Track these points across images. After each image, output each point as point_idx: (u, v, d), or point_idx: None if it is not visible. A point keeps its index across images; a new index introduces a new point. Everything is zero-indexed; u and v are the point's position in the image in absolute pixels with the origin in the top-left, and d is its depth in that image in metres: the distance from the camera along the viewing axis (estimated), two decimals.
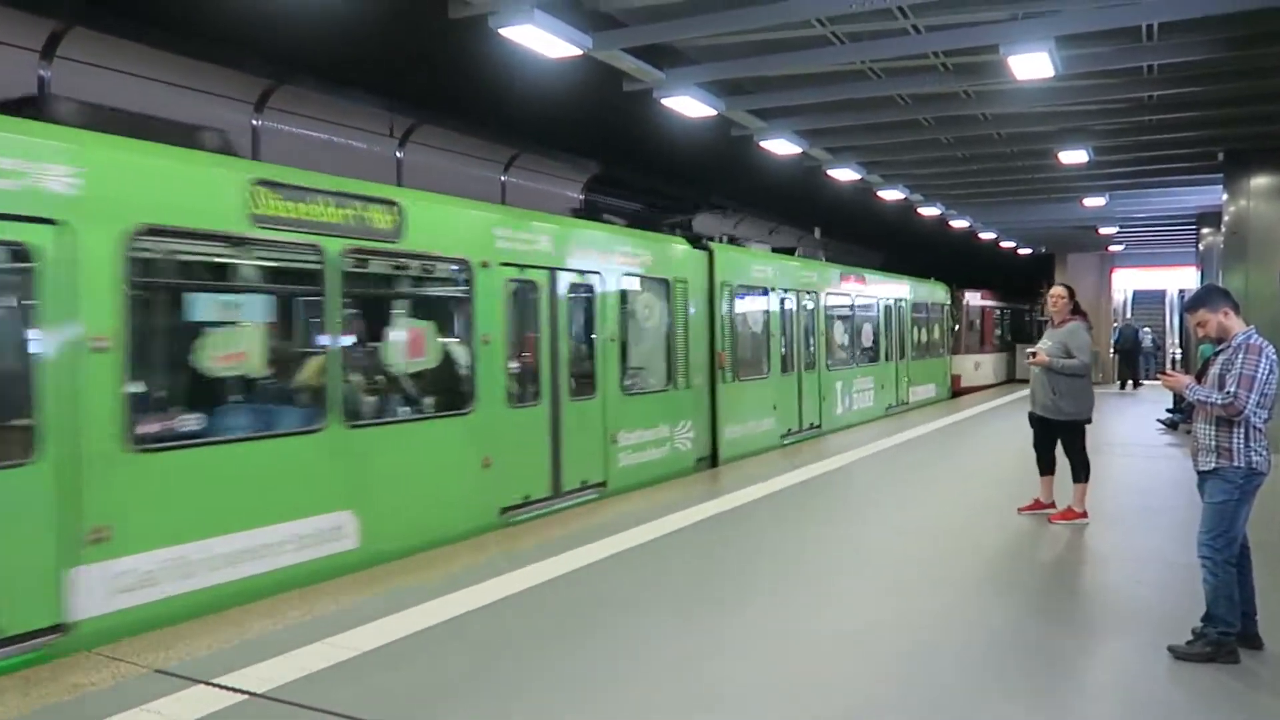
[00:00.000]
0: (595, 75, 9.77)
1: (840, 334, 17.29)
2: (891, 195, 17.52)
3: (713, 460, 12.17)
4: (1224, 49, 9.39)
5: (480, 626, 5.48)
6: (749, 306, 13.90)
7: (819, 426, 15.66)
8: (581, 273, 9.74)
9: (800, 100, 11.51)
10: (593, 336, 10.05)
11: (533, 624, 5.54)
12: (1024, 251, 29.87)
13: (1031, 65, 8.87)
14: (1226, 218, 14.15)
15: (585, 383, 9.79)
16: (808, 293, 15.69)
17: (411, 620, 5.50)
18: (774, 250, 16.11)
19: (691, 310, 11.79)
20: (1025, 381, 9.48)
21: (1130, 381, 24.13)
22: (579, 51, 8.43)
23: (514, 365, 8.73)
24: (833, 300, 16.82)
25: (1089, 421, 8.10)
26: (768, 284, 14.32)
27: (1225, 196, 14.21)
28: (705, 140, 12.83)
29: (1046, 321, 8.62)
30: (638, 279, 10.94)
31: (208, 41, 8.93)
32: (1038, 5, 8.47)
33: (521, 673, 4.73)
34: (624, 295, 10.59)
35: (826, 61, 10.10)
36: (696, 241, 12.62)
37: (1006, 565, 6.91)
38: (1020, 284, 31.77)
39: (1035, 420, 8.26)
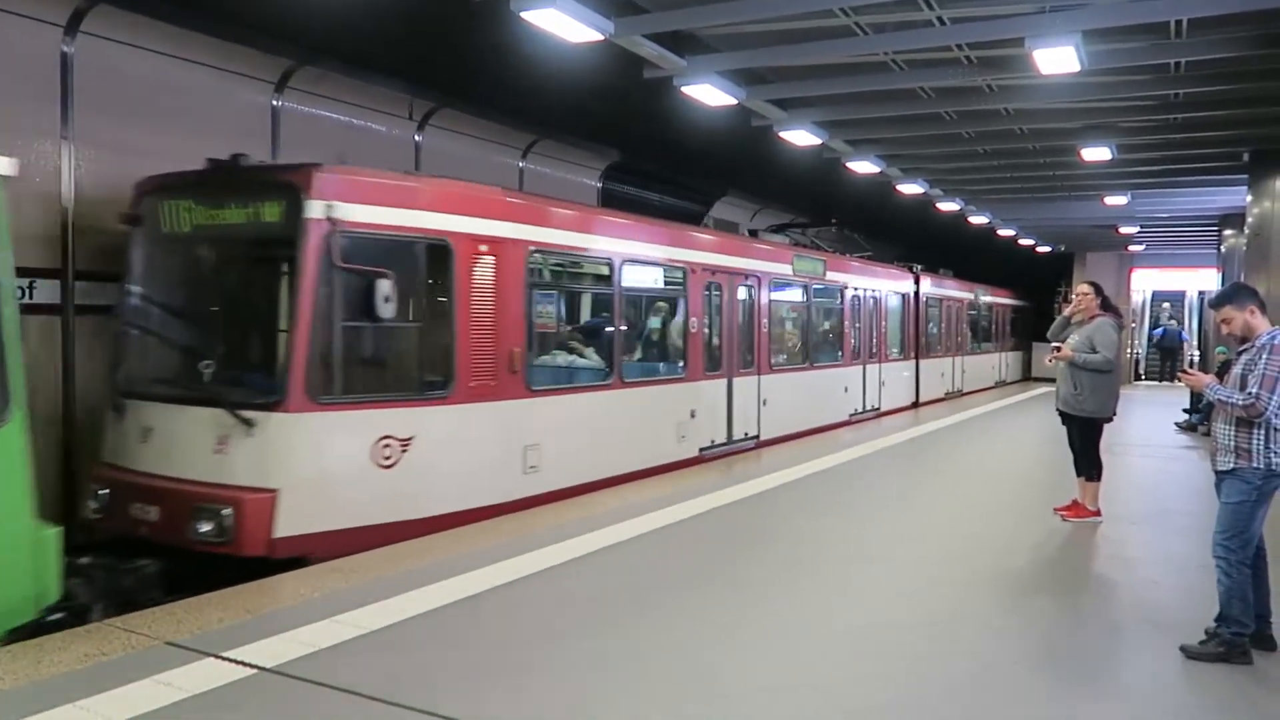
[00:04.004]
0: (616, 62, 9.73)
1: None
2: (911, 189, 17.42)
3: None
4: (1252, 47, 9.27)
5: (491, 608, 5.49)
6: None
7: None
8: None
9: (821, 91, 11.47)
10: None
11: (540, 610, 5.54)
12: (1043, 249, 29.52)
13: (1057, 59, 8.79)
14: (1250, 219, 14.02)
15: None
16: None
17: (427, 597, 5.51)
18: None
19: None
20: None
21: (1173, 377, 25.42)
22: (600, 37, 8.40)
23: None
24: None
25: (1109, 420, 8.04)
26: None
27: (1249, 198, 14.08)
28: (725, 130, 12.77)
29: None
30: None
31: (229, 20, 8.93)
32: None
33: (528, 658, 4.73)
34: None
35: (849, 52, 10.04)
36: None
37: (1019, 564, 6.87)
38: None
39: (1061, 417, 8.21)
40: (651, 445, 10.34)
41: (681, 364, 11.08)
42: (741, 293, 12.42)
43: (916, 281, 20.25)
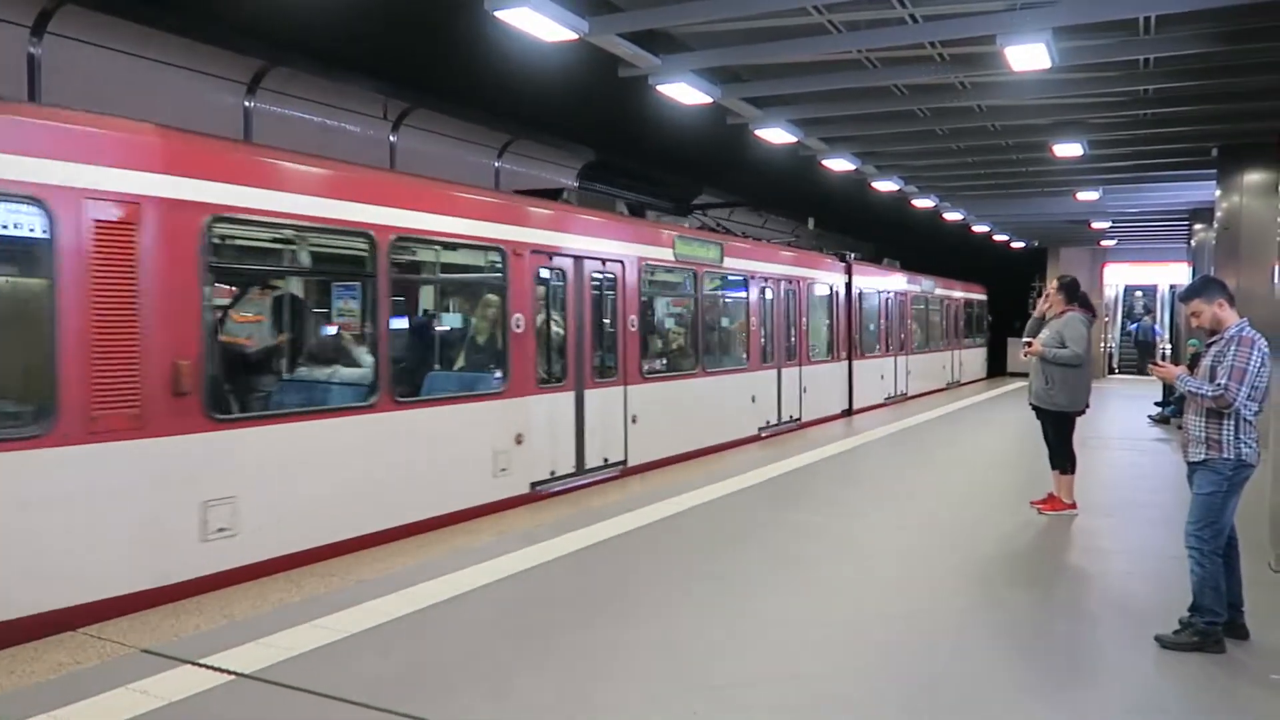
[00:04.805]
0: (591, 61, 9.72)
1: None
2: (885, 186, 17.49)
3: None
4: (1220, 43, 9.40)
5: (474, 609, 5.47)
6: None
7: None
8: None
9: (796, 89, 11.49)
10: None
11: (521, 610, 5.53)
12: (1017, 245, 29.76)
13: (1028, 56, 8.85)
14: (1219, 213, 14.18)
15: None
16: None
17: (408, 599, 5.48)
18: None
19: None
20: None
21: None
22: (574, 36, 8.38)
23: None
24: None
25: (1080, 413, 8.13)
26: None
27: (1218, 192, 14.25)
28: (701, 129, 12.78)
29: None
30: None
31: (200, 20, 8.85)
32: None
33: (510, 660, 4.72)
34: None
35: (823, 50, 10.06)
36: None
37: (996, 556, 6.93)
38: None
39: (1035, 411, 8.29)
40: (448, 484, 7.82)
41: (500, 374, 8.51)
42: (597, 282, 9.96)
43: (849, 272, 17.60)
